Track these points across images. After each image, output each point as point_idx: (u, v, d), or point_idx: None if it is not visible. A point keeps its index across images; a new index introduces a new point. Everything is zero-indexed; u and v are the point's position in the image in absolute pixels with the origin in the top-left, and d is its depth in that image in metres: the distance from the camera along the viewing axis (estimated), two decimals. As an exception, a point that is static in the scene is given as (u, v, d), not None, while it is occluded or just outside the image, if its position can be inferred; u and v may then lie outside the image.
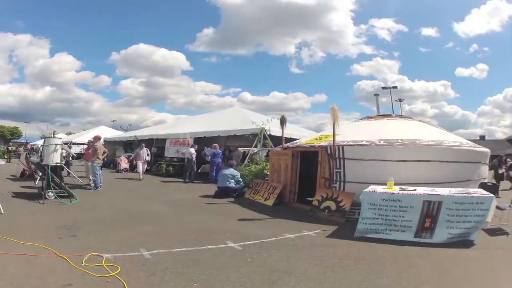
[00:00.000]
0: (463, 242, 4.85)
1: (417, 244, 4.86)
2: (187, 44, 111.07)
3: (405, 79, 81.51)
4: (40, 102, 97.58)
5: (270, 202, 8.15)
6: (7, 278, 3.31)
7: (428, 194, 5.34)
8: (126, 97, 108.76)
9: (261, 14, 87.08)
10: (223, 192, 9.49)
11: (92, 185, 10.49)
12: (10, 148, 30.16)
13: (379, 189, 5.65)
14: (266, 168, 10.28)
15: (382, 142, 6.93)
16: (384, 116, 9.47)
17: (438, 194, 5.28)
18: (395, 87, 35.80)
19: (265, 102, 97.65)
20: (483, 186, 6.61)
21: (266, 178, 9.54)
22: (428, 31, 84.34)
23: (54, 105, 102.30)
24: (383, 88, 35.64)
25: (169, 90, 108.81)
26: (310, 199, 7.50)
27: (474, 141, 9.06)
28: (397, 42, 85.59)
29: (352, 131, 7.95)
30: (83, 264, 3.74)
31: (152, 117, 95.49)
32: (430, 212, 5.15)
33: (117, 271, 3.56)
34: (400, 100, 35.59)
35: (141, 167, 14.51)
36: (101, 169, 10.63)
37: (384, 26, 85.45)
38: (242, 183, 9.97)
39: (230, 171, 9.92)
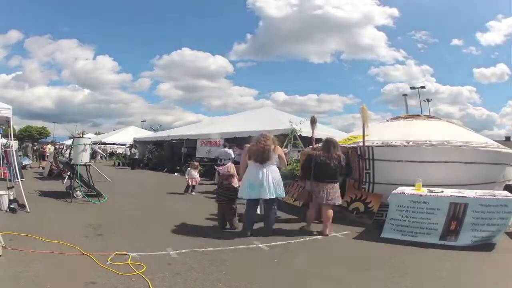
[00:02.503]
0: (485, 245, 4.69)
1: (441, 247, 4.73)
2: (227, 50, 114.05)
3: (432, 80, 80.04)
4: (78, 103, 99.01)
5: (299, 203, 8.02)
6: (30, 275, 3.33)
7: (455, 196, 5.17)
8: (165, 99, 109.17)
9: (299, 23, 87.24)
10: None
11: None
12: (35, 147, 30.37)
13: (408, 190, 5.50)
14: (296, 168, 10.13)
15: (411, 143, 6.71)
16: (412, 116, 9.14)
17: (465, 196, 5.10)
18: (423, 87, 35.05)
19: (301, 104, 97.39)
20: (508, 188, 6.33)
21: (297, 179, 9.39)
22: (456, 41, 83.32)
23: (91, 106, 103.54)
24: (411, 88, 35.03)
25: (208, 93, 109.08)
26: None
27: (500, 142, 8.65)
28: (428, 51, 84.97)
29: (381, 131, 7.71)
30: (108, 263, 3.72)
31: (186, 118, 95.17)
32: (456, 214, 4.98)
33: (142, 270, 3.54)
34: (428, 100, 34.86)
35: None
36: None
37: (419, 39, 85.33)
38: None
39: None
